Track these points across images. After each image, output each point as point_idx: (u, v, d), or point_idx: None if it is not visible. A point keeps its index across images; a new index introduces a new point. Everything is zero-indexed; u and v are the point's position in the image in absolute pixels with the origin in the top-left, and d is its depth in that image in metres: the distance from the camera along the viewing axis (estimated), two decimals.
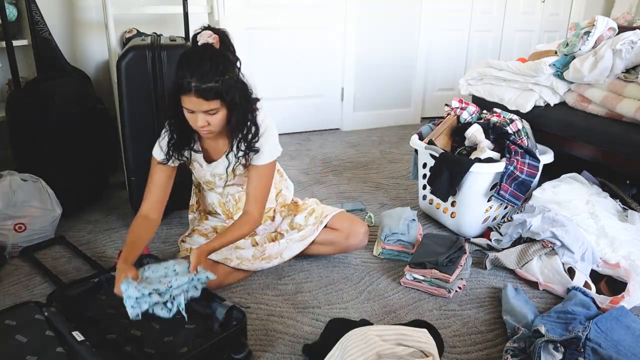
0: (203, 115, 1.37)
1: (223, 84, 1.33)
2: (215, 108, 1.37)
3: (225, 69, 1.35)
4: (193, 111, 1.37)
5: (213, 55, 1.35)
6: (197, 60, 1.33)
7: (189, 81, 1.31)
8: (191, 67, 1.32)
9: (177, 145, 1.53)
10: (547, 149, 2.10)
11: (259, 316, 1.51)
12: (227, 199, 1.72)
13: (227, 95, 1.36)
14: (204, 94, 1.32)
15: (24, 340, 1.18)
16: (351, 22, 3.44)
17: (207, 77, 1.31)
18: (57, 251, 1.85)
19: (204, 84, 1.31)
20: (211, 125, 1.40)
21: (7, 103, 2.08)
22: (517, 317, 1.46)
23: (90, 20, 2.76)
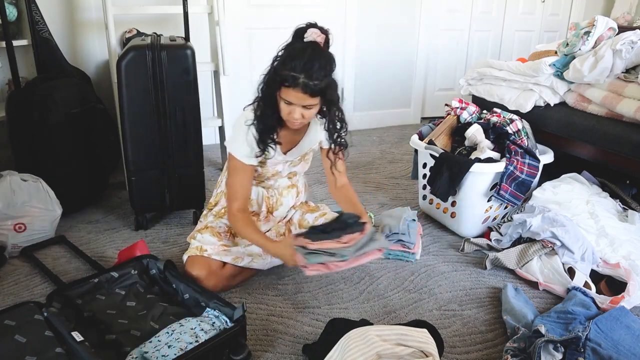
0: (300, 109, 1.43)
1: (327, 83, 1.40)
2: (315, 104, 1.43)
3: (330, 70, 1.42)
4: (291, 103, 1.42)
5: (321, 55, 1.40)
6: (307, 58, 1.37)
7: (297, 76, 1.36)
8: (302, 63, 1.36)
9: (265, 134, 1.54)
10: (547, 149, 2.10)
11: (259, 316, 1.51)
12: (272, 193, 1.75)
13: (327, 94, 1.43)
14: (310, 90, 1.37)
15: (24, 340, 1.18)
16: (351, 22, 3.44)
17: (316, 75, 1.36)
18: (57, 251, 1.85)
19: (311, 81, 1.36)
20: (305, 118, 1.47)
21: (7, 103, 2.08)
22: (517, 317, 1.46)
23: (90, 20, 2.76)
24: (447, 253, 1.91)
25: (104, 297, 1.45)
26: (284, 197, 1.76)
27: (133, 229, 2.03)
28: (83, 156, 2.15)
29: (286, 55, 1.41)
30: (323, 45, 1.43)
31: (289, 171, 1.73)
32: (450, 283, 1.71)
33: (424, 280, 1.72)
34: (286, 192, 1.77)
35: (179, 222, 2.09)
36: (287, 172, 1.73)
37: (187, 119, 1.93)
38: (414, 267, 1.80)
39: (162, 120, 1.91)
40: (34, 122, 1.99)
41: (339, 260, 1.36)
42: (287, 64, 1.38)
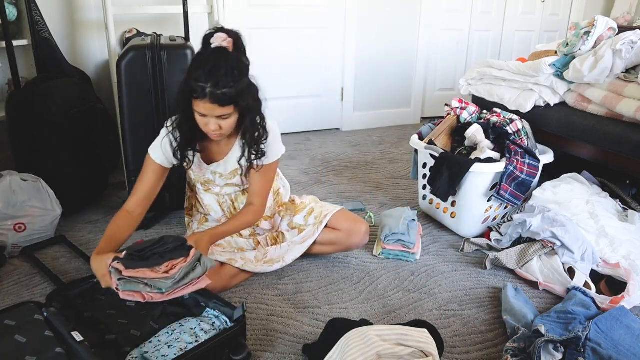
0: (215, 120, 1.38)
1: (237, 89, 1.34)
2: (229, 113, 1.37)
3: (240, 75, 1.35)
4: (205, 115, 1.38)
5: (229, 60, 1.33)
6: (212, 65, 1.32)
7: (203, 86, 1.31)
8: (206, 72, 1.31)
9: (182, 146, 1.52)
10: (547, 149, 2.10)
11: (259, 316, 1.51)
12: (224, 200, 1.72)
13: (241, 101, 1.36)
14: (219, 100, 1.32)
15: (23, 340, 1.18)
16: (351, 22, 3.44)
17: (223, 83, 1.31)
18: (57, 251, 1.85)
19: (219, 90, 1.31)
20: (223, 129, 1.41)
21: (7, 103, 2.08)
22: (517, 317, 1.46)
23: (90, 20, 2.76)
24: (447, 253, 1.91)
25: (104, 297, 1.45)
26: (239, 203, 1.72)
27: None
28: (83, 156, 2.15)
29: (193, 66, 1.36)
30: (233, 49, 1.35)
31: (224, 182, 1.65)
32: (450, 283, 1.71)
33: (424, 280, 1.72)
34: (242, 199, 1.71)
35: (179, 222, 2.09)
36: (223, 183, 1.65)
37: None
38: (414, 267, 1.80)
39: (162, 120, 1.91)
40: (34, 122, 1.99)
41: (154, 292, 1.23)
42: (193, 74, 1.33)
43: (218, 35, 1.35)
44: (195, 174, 1.67)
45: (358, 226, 1.73)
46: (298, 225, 1.76)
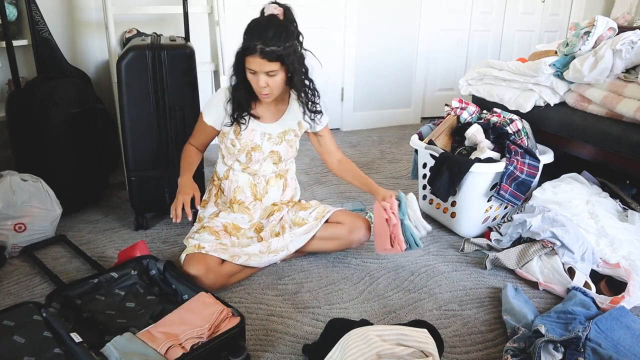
0: (264, 77, 1.54)
1: (284, 49, 1.50)
2: (276, 70, 1.53)
3: (287, 37, 1.52)
4: (255, 72, 1.54)
5: (277, 24, 1.52)
6: (263, 26, 1.51)
7: (254, 44, 1.49)
8: (258, 32, 1.50)
9: (238, 106, 1.68)
10: (547, 149, 2.10)
11: (259, 316, 1.51)
12: (259, 181, 1.77)
13: (287, 60, 1.52)
14: (267, 55, 1.49)
15: (22, 340, 1.18)
16: (351, 22, 3.44)
17: (271, 41, 1.48)
18: (57, 251, 1.85)
19: (267, 47, 1.48)
20: (271, 86, 1.57)
21: (7, 103, 2.08)
22: (517, 317, 1.46)
23: (90, 20, 2.76)
24: (447, 253, 1.91)
25: (104, 297, 1.45)
26: (270, 186, 1.79)
27: (133, 229, 2.03)
28: (83, 156, 2.15)
29: (247, 29, 1.54)
30: (283, 17, 1.54)
31: (270, 149, 1.74)
32: (450, 283, 1.71)
33: (424, 280, 1.72)
34: (273, 182, 1.79)
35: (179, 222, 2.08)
36: (268, 149, 1.73)
37: (187, 119, 1.93)
38: (414, 267, 1.80)
39: (162, 120, 1.91)
40: (34, 122, 2.00)
41: None
42: (247, 35, 1.52)
43: (270, 5, 1.56)
44: (244, 140, 1.71)
45: (359, 221, 1.77)
46: (301, 219, 1.79)
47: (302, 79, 1.64)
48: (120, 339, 1.18)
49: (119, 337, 1.19)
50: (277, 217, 1.79)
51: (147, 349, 1.17)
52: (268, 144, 1.73)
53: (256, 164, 1.74)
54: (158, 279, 1.54)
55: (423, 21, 3.69)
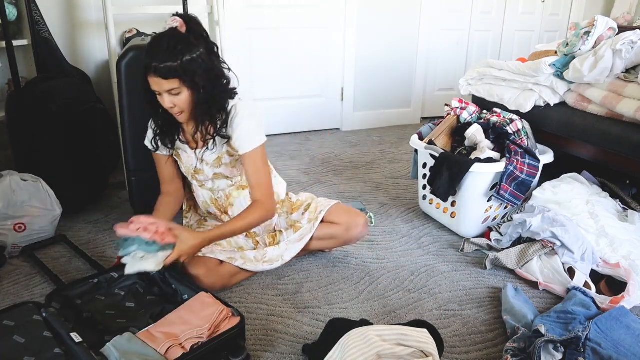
0: (168, 96, 1.45)
1: (182, 63, 1.39)
2: (176, 87, 1.42)
3: (184, 50, 1.40)
4: (160, 93, 1.45)
5: (173, 38, 1.41)
6: (156, 43, 1.42)
7: (149, 61, 1.40)
8: (153, 49, 1.41)
9: (163, 133, 1.61)
10: (547, 149, 2.10)
11: (259, 316, 1.51)
12: (219, 195, 1.71)
13: (186, 75, 1.41)
14: (162, 73, 1.39)
15: (22, 340, 1.18)
16: (351, 22, 3.44)
17: (164, 57, 1.38)
18: (57, 251, 1.85)
19: (161, 63, 1.38)
20: (177, 106, 1.47)
21: (7, 103, 2.08)
22: (517, 317, 1.46)
23: (90, 20, 2.76)
24: (447, 253, 1.91)
25: (104, 297, 1.45)
26: (233, 198, 1.70)
27: None
28: (83, 156, 2.15)
29: (146, 47, 1.45)
30: (184, 30, 1.44)
31: (212, 172, 1.64)
32: (450, 283, 1.71)
33: (424, 280, 1.72)
34: (236, 194, 1.70)
35: (179, 222, 2.08)
36: (210, 172, 1.64)
37: None
38: (414, 267, 1.80)
39: None
40: (34, 122, 2.00)
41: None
42: (145, 53, 1.43)
43: (171, 17, 1.47)
44: (185, 165, 1.67)
45: (356, 218, 1.73)
46: (295, 222, 1.76)
47: (208, 97, 1.47)
48: (120, 339, 1.18)
49: (119, 337, 1.19)
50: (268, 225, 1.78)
51: (147, 349, 1.17)
52: (207, 167, 1.64)
53: (207, 182, 1.69)
54: (158, 279, 1.54)
55: (423, 21, 3.69)
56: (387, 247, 1.95)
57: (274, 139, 3.39)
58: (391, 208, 2.31)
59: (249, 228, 1.60)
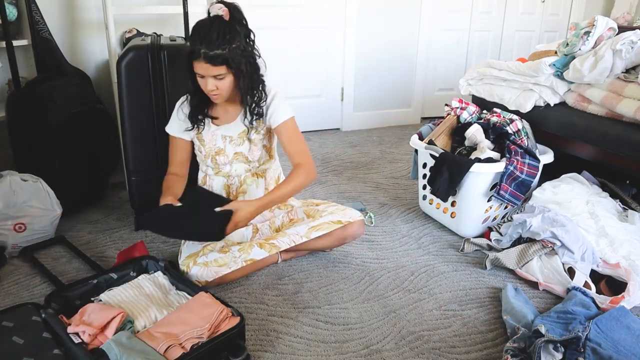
0: (212, 80, 1.51)
1: (230, 51, 1.47)
2: (222, 73, 1.50)
3: (232, 39, 1.47)
4: (203, 76, 1.51)
5: (221, 26, 1.47)
6: (206, 29, 1.46)
7: (198, 48, 1.45)
8: (201, 35, 1.46)
9: (194, 110, 1.66)
10: (547, 149, 2.10)
11: (259, 316, 1.51)
12: (233, 181, 1.74)
13: (233, 62, 1.49)
14: (211, 59, 1.46)
15: (21, 342, 1.18)
16: (351, 22, 3.44)
17: (215, 44, 1.44)
18: (57, 251, 1.85)
19: (211, 51, 1.45)
20: (220, 89, 1.53)
21: (7, 103, 2.08)
22: (517, 317, 1.46)
23: (90, 20, 2.75)
24: (447, 253, 1.91)
25: None
26: (247, 185, 1.75)
27: (133, 229, 2.03)
28: (83, 156, 2.15)
29: (191, 32, 1.51)
30: (228, 18, 1.49)
31: (233, 150, 1.69)
32: (450, 283, 1.71)
33: (424, 280, 1.72)
34: (250, 180, 1.75)
35: None
36: (232, 151, 1.69)
37: None
38: (414, 267, 1.80)
39: (162, 120, 1.91)
40: (34, 122, 2.00)
41: None
42: (191, 38, 1.49)
43: (215, 5, 1.50)
44: (207, 145, 1.69)
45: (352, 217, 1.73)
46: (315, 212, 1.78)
47: (249, 81, 1.58)
48: (120, 336, 1.18)
49: (119, 334, 1.19)
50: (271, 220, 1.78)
51: (146, 347, 1.17)
52: (230, 146, 1.69)
53: (225, 166, 1.72)
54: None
55: (423, 21, 3.69)
56: (387, 247, 1.95)
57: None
58: (391, 208, 2.31)
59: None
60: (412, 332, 1.45)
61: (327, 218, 1.70)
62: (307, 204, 1.84)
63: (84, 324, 1.21)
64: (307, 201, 1.88)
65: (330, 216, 1.71)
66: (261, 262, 1.69)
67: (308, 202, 1.86)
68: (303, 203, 1.86)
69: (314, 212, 1.78)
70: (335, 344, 1.39)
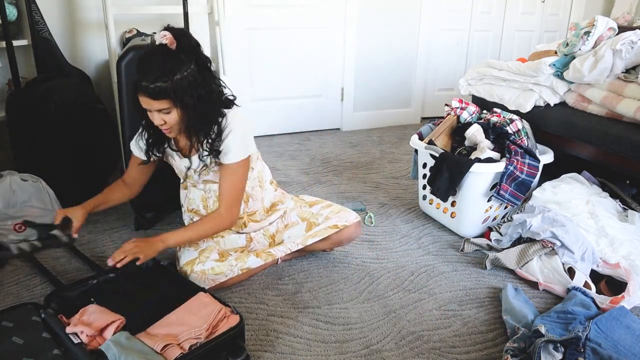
0: (158, 114, 1.42)
1: (172, 84, 1.35)
2: (167, 107, 1.40)
3: (175, 70, 1.36)
4: (150, 110, 1.43)
5: (162, 56, 1.37)
6: (147, 61, 1.38)
7: (139, 80, 1.36)
8: (142, 67, 1.38)
9: (154, 142, 1.59)
10: (547, 149, 2.10)
11: (259, 316, 1.51)
12: (209, 195, 1.70)
13: (176, 95, 1.37)
14: (152, 94, 1.36)
15: (21, 342, 1.18)
16: (351, 22, 3.44)
17: (155, 77, 1.34)
18: (57, 251, 1.85)
19: (152, 84, 1.35)
20: (167, 123, 1.44)
21: (7, 103, 2.08)
22: (517, 317, 1.46)
23: (90, 20, 2.76)
24: (447, 253, 1.91)
25: None
26: None
27: (133, 229, 2.03)
28: (83, 156, 2.15)
29: (136, 63, 1.41)
30: (175, 46, 1.38)
31: (201, 178, 1.64)
32: (450, 283, 1.71)
33: (424, 280, 1.72)
34: None
35: (180, 222, 2.08)
36: (199, 179, 1.64)
37: None
38: (414, 267, 1.80)
39: None
40: (34, 122, 2.00)
41: None
42: (136, 70, 1.39)
43: (160, 32, 1.39)
44: (177, 168, 1.68)
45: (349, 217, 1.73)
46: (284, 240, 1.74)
47: (198, 115, 1.44)
48: (119, 336, 1.18)
49: (118, 334, 1.19)
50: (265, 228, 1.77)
51: (145, 347, 1.17)
52: (196, 175, 1.63)
53: (199, 185, 1.68)
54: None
55: (423, 21, 3.69)
56: (387, 247, 1.95)
57: (274, 139, 3.39)
58: (391, 208, 2.31)
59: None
60: (412, 332, 1.45)
61: (324, 224, 1.70)
62: (300, 204, 1.81)
63: (83, 324, 1.21)
64: (300, 200, 1.85)
65: (326, 222, 1.70)
66: (260, 267, 1.69)
67: (301, 202, 1.83)
68: (296, 203, 1.82)
69: (308, 215, 1.75)
70: (335, 344, 1.39)
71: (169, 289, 1.44)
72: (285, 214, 1.78)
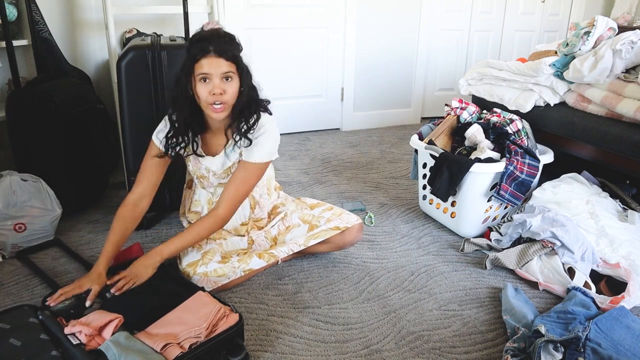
0: (220, 82, 1.40)
1: (239, 54, 1.42)
2: (232, 72, 1.41)
3: (237, 45, 1.43)
4: (209, 78, 1.40)
5: (225, 33, 1.43)
6: (213, 33, 1.41)
7: (206, 45, 1.38)
8: (208, 36, 1.39)
9: (177, 133, 1.52)
10: (547, 149, 2.10)
11: (259, 316, 1.51)
12: (216, 199, 1.69)
13: (241, 64, 1.43)
14: (223, 53, 1.38)
15: (18, 343, 1.17)
16: (351, 22, 3.44)
17: (224, 41, 1.40)
18: (57, 251, 1.85)
19: (221, 46, 1.38)
20: (226, 94, 1.41)
21: (7, 103, 2.08)
22: (517, 317, 1.46)
23: (90, 20, 2.76)
24: (447, 253, 1.91)
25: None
26: None
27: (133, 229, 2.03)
28: (83, 156, 2.15)
29: (191, 42, 1.42)
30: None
31: (217, 182, 1.63)
32: (450, 283, 1.71)
33: (424, 280, 1.72)
34: None
35: (179, 222, 2.08)
36: (216, 182, 1.64)
37: None
38: (414, 267, 1.80)
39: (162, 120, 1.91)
40: (34, 122, 1.99)
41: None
42: (195, 43, 1.40)
43: (208, 22, 1.46)
44: (193, 167, 1.65)
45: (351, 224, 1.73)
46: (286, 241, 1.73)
47: (249, 98, 1.48)
48: (118, 336, 1.18)
49: (117, 334, 1.19)
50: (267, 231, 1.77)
51: (145, 347, 1.17)
52: (214, 178, 1.63)
53: (209, 187, 1.68)
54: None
55: (423, 21, 3.69)
56: (387, 247, 1.95)
57: None
58: (391, 208, 2.31)
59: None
60: (412, 332, 1.45)
61: (325, 226, 1.70)
62: (301, 207, 1.81)
63: (81, 324, 1.21)
64: (301, 202, 1.85)
65: (327, 223, 1.71)
66: (262, 268, 1.69)
67: (302, 205, 1.83)
68: (297, 206, 1.82)
69: (310, 217, 1.75)
70: (335, 344, 1.39)
71: (168, 288, 1.44)
72: (287, 216, 1.78)
